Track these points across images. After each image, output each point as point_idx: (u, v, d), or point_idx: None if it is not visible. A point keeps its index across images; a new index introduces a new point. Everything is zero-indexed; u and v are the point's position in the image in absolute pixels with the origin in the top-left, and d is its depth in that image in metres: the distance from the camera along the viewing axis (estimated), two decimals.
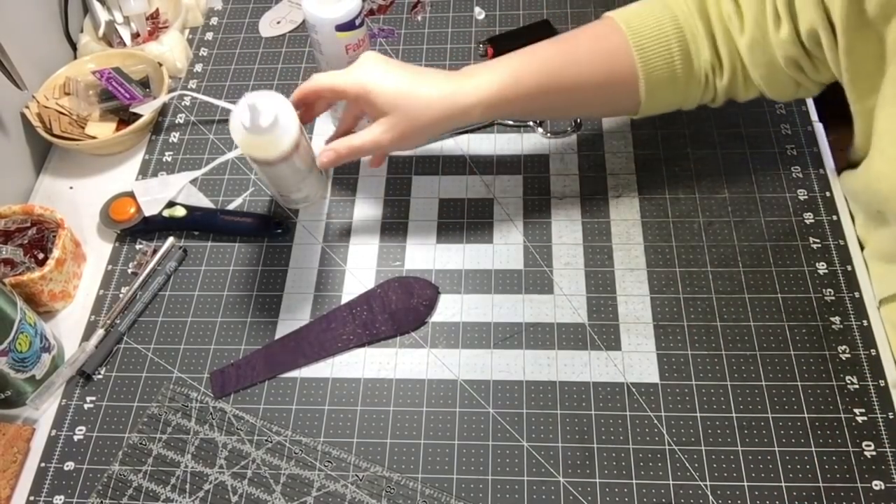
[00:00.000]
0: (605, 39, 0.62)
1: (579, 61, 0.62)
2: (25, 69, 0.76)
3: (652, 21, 0.62)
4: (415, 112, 0.61)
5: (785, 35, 0.57)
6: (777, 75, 0.61)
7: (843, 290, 0.66)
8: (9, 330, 0.60)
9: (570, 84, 0.62)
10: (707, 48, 0.61)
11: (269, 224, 0.73)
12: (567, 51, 0.63)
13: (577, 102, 0.65)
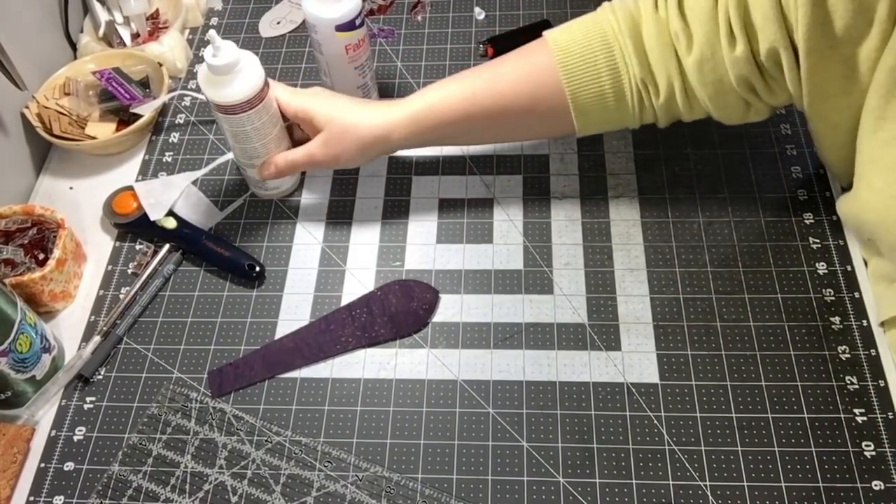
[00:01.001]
0: (532, 59, 0.63)
1: (503, 83, 0.63)
2: (25, 69, 0.76)
3: (581, 37, 0.61)
4: (343, 131, 0.65)
5: (739, 53, 0.55)
6: (726, 96, 0.59)
7: (843, 290, 0.66)
8: (9, 330, 0.60)
9: (493, 108, 0.63)
10: (637, 66, 0.60)
11: (245, 265, 0.70)
12: (491, 74, 0.64)
13: (505, 126, 0.66)
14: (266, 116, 0.67)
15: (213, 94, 0.64)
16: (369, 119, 0.65)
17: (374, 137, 0.65)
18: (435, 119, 0.64)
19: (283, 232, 0.74)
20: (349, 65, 0.73)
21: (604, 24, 0.61)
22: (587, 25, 0.62)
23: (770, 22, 0.54)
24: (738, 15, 0.55)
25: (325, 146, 0.66)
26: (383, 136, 0.65)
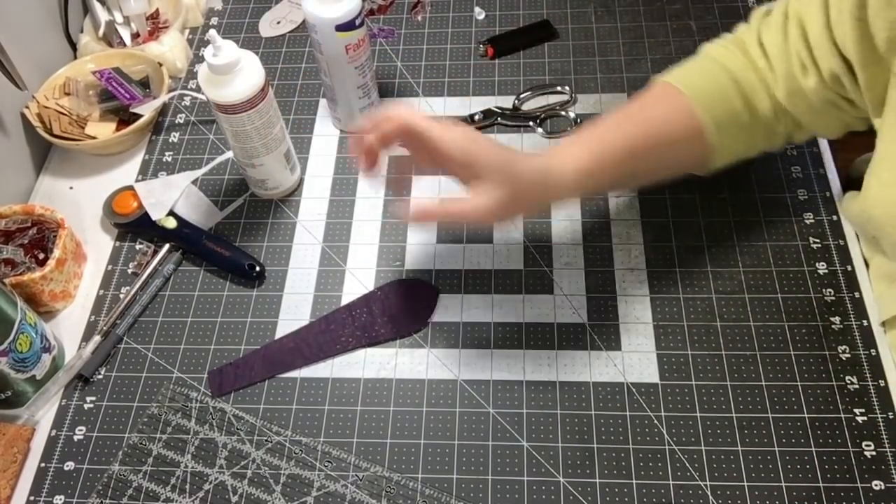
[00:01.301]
0: (669, 100, 0.62)
1: (653, 122, 0.61)
2: (25, 69, 0.76)
3: (709, 79, 0.62)
4: (515, 178, 0.55)
5: (814, 83, 0.58)
6: (822, 118, 0.61)
7: (843, 290, 0.66)
8: (9, 330, 0.60)
9: (650, 144, 0.61)
10: (765, 97, 0.61)
11: (245, 265, 0.70)
12: (638, 116, 0.62)
13: (658, 163, 0.63)
14: (266, 116, 0.67)
15: (213, 93, 0.64)
16: (538, 168, 0.57)
17: (544, 187, 0.57)
18: (607, 157, 0.59)
19: (283, 232, 0.74)
20: (349, 65, 0.73)
21: (725, 62, 0.62)
22: (707, 65, 0.63)
23: (824, 47, 0.56)
24: (804, 46, 0.58)
25: (496, 196, 0.55)
26: (556, 181, 0.58)
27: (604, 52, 0.86)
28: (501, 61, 0.86)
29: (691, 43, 0.85)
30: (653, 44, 0.86)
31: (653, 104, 0.63)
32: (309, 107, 0.84)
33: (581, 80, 0.83)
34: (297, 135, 0.82)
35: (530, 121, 0.80)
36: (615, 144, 0.60)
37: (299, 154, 0.79)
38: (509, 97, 0.82)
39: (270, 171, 0.73)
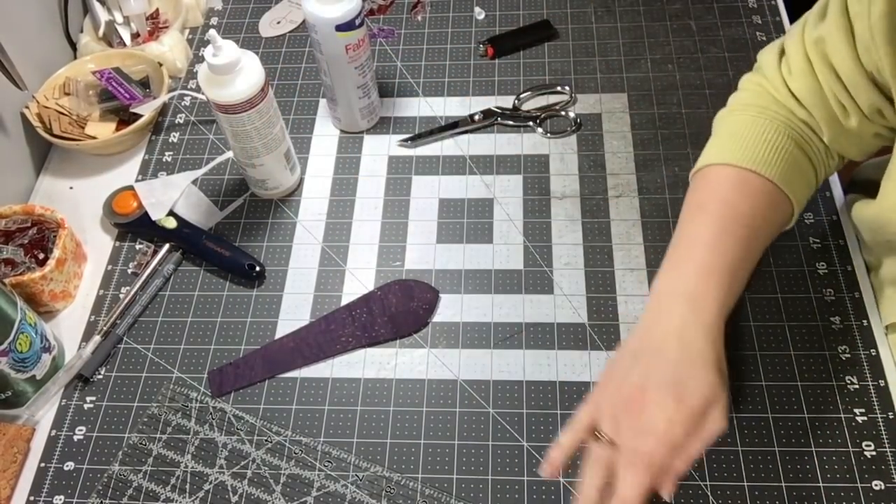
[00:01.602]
0: (760, 193, 0.57)
1: (759, 226, 0.57)
2: (25, 69, 0.76)
3: (778, 151, 0.58)
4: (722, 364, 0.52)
5: (856, 122, 0.56)
6: (870, 147, 0.60)
7: (843, 290, 0.66)
8: (9, 330, 0.60)
9: (761, 247, 0.57)
10: (818, 143, 0.60)
11: (245, 265, 0.70)
12: (746, 228, 0.56)
13: (761, 243, 0.58)
14: (266, 116, 0.67)
15: (213, 93, 0.64)
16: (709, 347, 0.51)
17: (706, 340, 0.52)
18: (733, 297, 0.54)
19: (283, 232, 0.74)
20: (349, 65, 0.73)
21: (777, 118, 0.59)
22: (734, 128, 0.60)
23: (859, 83, 0.54)
24: (840, 87, 0.55)
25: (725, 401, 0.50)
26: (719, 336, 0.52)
27: (604, 52, 0.86)
28: (501, 61, 0.86)
29: (691, 43, 0.85)
30: (653, 44, 0.86)
31: (735, 198, 0.56)
32: (309, 107, 0.84)
33: (581, 80, 0.83)
34: (297, 135, 0.82)
35: (530, 121, 0.80)
36: (735, 262, 0.54)
37: (299, 154, 0.79)
38: (509, 97, 0.82)
39: (270, 171, 0.73)
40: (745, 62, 0.83)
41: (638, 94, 0.82)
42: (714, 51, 0.85)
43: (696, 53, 0.84)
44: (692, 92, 0.81)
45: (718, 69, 0.83)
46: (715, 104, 0.79)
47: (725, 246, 0.54)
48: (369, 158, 0.79)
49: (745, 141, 0.58)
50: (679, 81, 0.82)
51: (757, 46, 0.84)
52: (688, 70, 0.83)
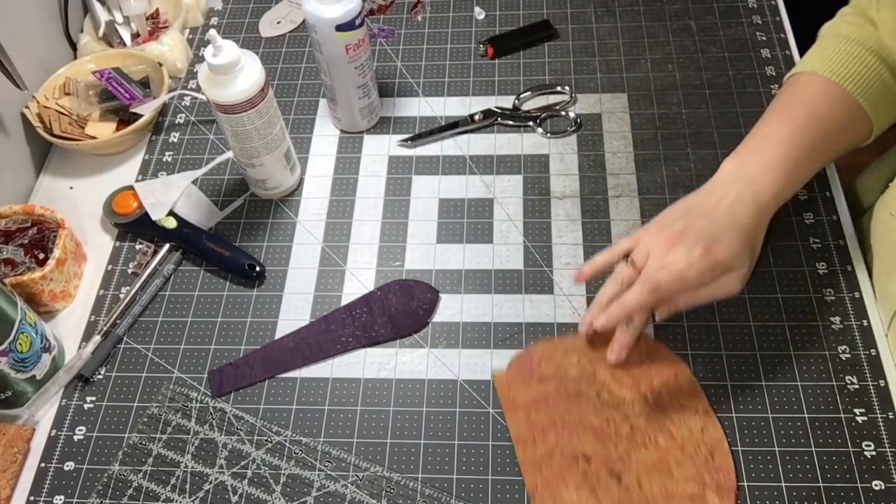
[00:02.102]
0: (829, 94, 0.61)
1: (825, 125, 0.60)
2: (25, 69, 0.76)
3: (856, 62, 0.61)
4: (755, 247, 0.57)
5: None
6: None
7: (843, 290, 0.66)
8: (9, 330, 0.60)
9: (826, 146, 0.61)
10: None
11: (245, 265, 0.70)
12: (812, 121, 0.60)
13: (829, 159, 0.64)
14: (266, 116, 0.67)
15: (213, 93, 0.65)
16: (760, 214, 0.57)
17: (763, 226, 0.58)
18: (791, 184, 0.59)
19: (283, 232, 0.74)
20: (349, 65, 0.73)
21: (861, 39, 0.62)
22: (849, 48, 0.62)
23: None
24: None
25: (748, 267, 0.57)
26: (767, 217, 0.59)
27: (604, 52, 0.86)
28: (501, 61, 0.86)
29: (691, 43, 0.85)
30: (653, 44, 0.86)
31: (817, 103, 0.61)
32: (309, 107, 0.84)
33: (581, 80, 0.83)
34: (297, 135, 0.82)
35: (530, 121, 0.80)
36: (800, 160, 0.59)
37: (299, 154, 0.79)
38: (509, 97, 0.82)
39: (270, 171, 0.73)
40: (745, 62, 0.83)
41: (638, 94, 0.82)
42: (714, 51, 0.85)
43: (696, 53, 0.84)
44: (692, 92, 0.81)
45: (718, 69, 0.83)
46: (715, 104, 0.80)
47: (795, 145, 0.59)
48: (369, 158, 0.79)
49: (841, 57, 0.61)
50: (679, 81, 0.82)
51: (757, 46, 0.84)
52: (688, 70, 0.83)
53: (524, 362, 0.63)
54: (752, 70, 0.82)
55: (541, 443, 0.59)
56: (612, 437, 0.58)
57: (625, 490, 0.56)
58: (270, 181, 0.74)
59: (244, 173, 0.74)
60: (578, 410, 0.59)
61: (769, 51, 0.84)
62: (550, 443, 0.59)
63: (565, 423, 0.59)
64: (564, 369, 0.62)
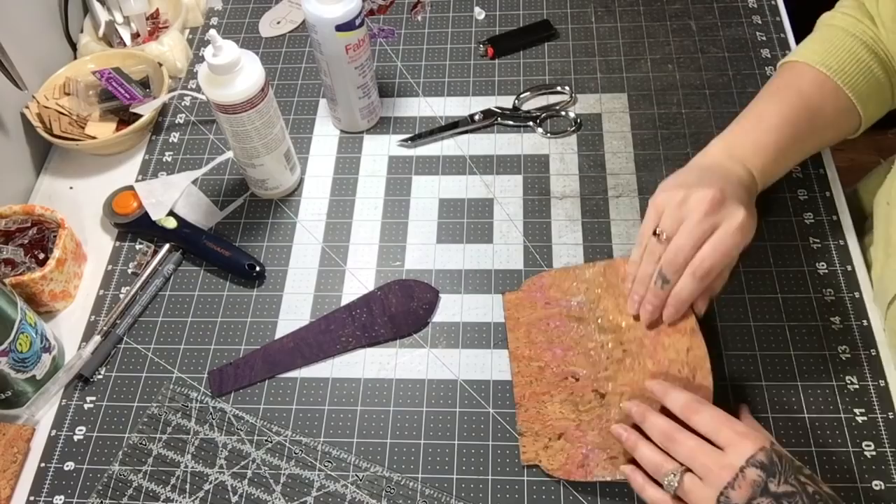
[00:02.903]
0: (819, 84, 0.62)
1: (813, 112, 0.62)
2: (25, 69, 0.76)
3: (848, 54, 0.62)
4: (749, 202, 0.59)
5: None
6: None
7: (843, 290, 0.66)
8: (9, 330, 0.60)
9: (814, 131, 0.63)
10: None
11: (245, 265, 0.70)
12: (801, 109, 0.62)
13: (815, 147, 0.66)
14: (266, 116, 0.67)
15: (213, 93, 0.65)
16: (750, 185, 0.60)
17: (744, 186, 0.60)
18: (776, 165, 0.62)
19: (283, 232, 0.74)
20: (349, 65, 0.73)
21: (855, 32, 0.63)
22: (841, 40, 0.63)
23: None
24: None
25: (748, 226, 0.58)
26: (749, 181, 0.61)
27: (604, 52, 0.86)
28: (501, 61, 0.86)
29: (691, 43, 0.85)
30: (653, 44, 0.86)
31: (808, 93, 0.62)
32: (309, 107, 0.84)
33: (581, 80, 0.83)
34: (297, 135, 0.82)
35: (530, 121, 0.80)
36: (788, 148, 0.61)
37: (299, 154, 0.79)
38: (509, 97, 0.82)
39: (270, 171, 0.73)
40: (745, 62, 0.83)
41: (638, 94, 0.82)
42: (714, 51, 0.85)
43: (696, 53, 0.84)
44: (692, 92, 0.81)
45: (718, 69, 0.83)
46: (715, 104, 0.80)
47: (785, 133, 0.61)
48: (369, 158, 0.79)
49: (836, 51, 0.63)
50: (679, 81, 0.82)
51: (757, 46, 0.84)
52: (688, 70, 0.83)
53: (535, 285, 0.66)
54: (752, 70, 0.82)
55: (536, 360, 0.62)
56: (603, 361, 0.61)
57: (605, 407, 0.59)
58: (270, 181, 0.74)
59: (244, 173, 0.74)
60: (576, 334, 0.63)
61: (769, 51, 0.84)
62: (545, 361, 0.62)
63: (562, 345, 0.62)
64: (571, 295, 0.65)
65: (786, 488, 0.46)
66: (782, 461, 0.47)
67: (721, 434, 0.49)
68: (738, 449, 0.48)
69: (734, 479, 0.47)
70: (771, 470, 0.46)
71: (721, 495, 0.47)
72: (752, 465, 0.47)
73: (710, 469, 0.48)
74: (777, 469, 0.47)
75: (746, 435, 0.49)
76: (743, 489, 0.46)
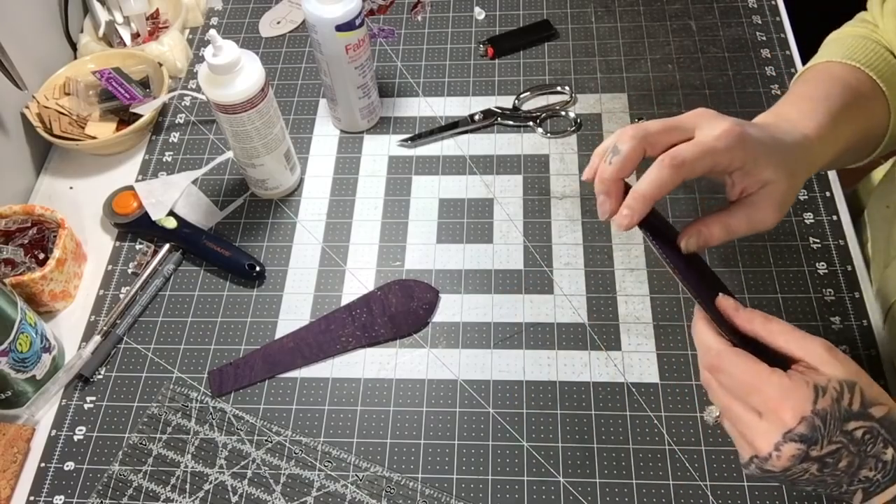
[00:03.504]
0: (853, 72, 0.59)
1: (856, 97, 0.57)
2: (25, 69, 0.76)
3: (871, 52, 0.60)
4: (794, 168, 0.49)
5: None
6: None
7: (843, 290, 0.66)
8: (9, 330, 0.60)
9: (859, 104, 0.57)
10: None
11: (245, 265, 0.70)
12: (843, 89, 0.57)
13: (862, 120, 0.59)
14: (266, 116, 0.67)
15: (213, 93, 0.65)
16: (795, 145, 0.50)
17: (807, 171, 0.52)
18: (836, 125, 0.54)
19: (283, 232, 0.74)
20: (349, 65, 0.73)
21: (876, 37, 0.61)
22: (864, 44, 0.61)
23: None
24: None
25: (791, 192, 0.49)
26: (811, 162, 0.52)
27: (604, 52, 0.86)
28: (501, 61, 0.86)
29: (691, 43, 0.85)
30: (653, 44, 0.86)
31: (842, 75, 0.58)
32: (309, 107, 0.84)
33: (581, 80, 0.83)
34: (297, 135, 0.82)
35: (530, 121, 0.80)
36: (838, 119, 0.54)
37: (299, 154, 0.79)
38: (509, 97, 0.82)
39: (270, 171, 0.73)
40: (746, 62, 0.83)
41: (638, 94, 0.82)
42: (714, 51, 0.85)
43: (696, 53, 0.84)
44: (692, 92, 0.81)
45: (718, 69, 0.83)
46: (715, 104, 0.80)
47: (833, 99, 0.54)
48: (369, 158, 0.79)
49: (853, 48, 0.59)
50: (679, 81, 0.82)
51: (757, 46, 0.84)
52: (688, 70, 0.83)
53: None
54: (752, 70, 0.82)
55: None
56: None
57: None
58: (270, 181, 0.74)
59: (244, 173, 0.74)
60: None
61: (769, 51, 0.84)
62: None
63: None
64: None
65: (830, 448, 0.40)
66: (827, 421, 0.40)
67: (754, 400, 0.42)
68: (773, 420, 0.41)
69: (769, 454, 0.41)
70: (812, 438, 0.40)
71: (755, 458, 0.42)
72: (791, 439, 0.41)
73: (743, 433, 0.43)
74: (820, 434, 0.40)
75: (782, 402, 0.41)
76: (780, 462, 0.41)
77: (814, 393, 0.41)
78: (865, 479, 0.41)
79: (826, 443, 0.40)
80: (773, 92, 0.80)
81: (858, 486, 0.41)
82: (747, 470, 0.44)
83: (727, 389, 0.44)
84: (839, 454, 0.40)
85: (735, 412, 0.43)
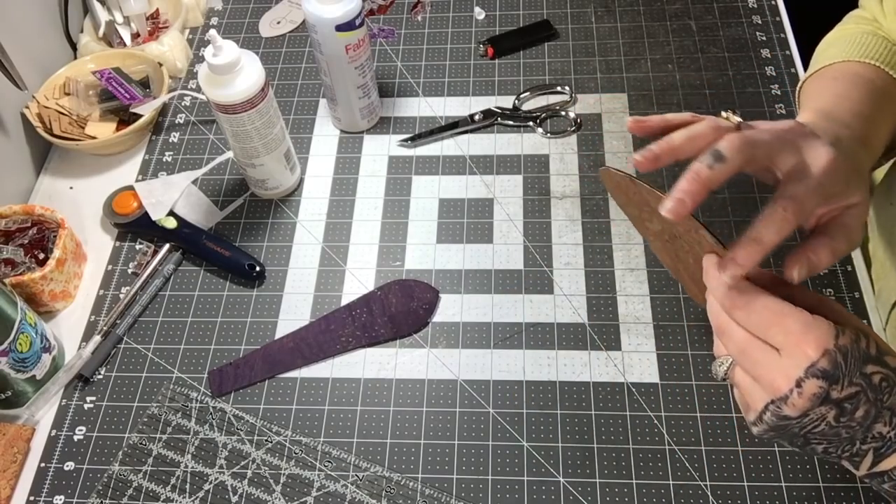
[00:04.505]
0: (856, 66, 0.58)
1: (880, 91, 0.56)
2: (25, 69, 0.76)
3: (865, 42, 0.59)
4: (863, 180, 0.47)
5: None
6: None
7: (843, 290, 0.66)
8: (9, 330, 0.60)
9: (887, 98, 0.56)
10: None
11: (245, 265, 0.70)
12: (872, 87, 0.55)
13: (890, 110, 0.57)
14: (266, 116, 0.67)
15: (213, 93, 0.65)
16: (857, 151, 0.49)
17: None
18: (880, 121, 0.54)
19: (283, 232, 0.74)
20: (349, 65, 0.73)
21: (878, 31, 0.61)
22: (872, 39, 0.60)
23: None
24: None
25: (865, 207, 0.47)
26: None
27: (604, 52, 0.86)
28: (501, 61, 0.86)
29: (691, 43, 0.85)
30: (653, 44, 0.86)
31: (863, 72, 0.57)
32: (309, 107, 0.84)
33: (581, 80, 0.83)
34: (297, 135, 0.82)
35: (530, 121, 0.80)
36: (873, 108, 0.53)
37: (299, 154, 0.79)
38: (509, 97, 0.82)
39: (270, 171, 0.73)
40: (746, 62, 0.83)
41: (638, 94, 0.82)
42: (714, 51, 0.85)
43: (696, 53, 0.84)
44: (692, 92, 0.81)
45: (718, 69, 0.83)
46: (715, 104, 0.80)
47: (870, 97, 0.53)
48: (369, 158, 0.79)
49: (860, 45, 0.58)
50: (679, 81, 0.82)
51: (757, 46, 0.84)
52: (688, 70, 0.83)
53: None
54: (752, 70, 0.82)
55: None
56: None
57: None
58: (270, 181, 0.74)
59: (244, 173, 0.74)
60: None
61: (769, 51, 0.84)
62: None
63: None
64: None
65: (849, 391, 0.39)
66: (848, 359, 0.39)
67: (772, 334, 0.40)
68: (795, 354, 0.39)
69: (790, 392, 0.39)
70: (834, 376, 0.38)
71: (771, 404, 0.40)
72: (812, 375, 0.38)
73: (760, 376, 0.41)
74: (841, 372, 0.38)
75: (805, 335, 0.39)
76: (799, 403, 0.39)
77: (835, 329, 0.39)
78: (878, 437, 0.40)
79: (847, 383, 0.39)
80: (773, 92, 0.80)
81: (871, 445, 0.40)
82: (758, 427, 0.42)
83: (746, 326, 0.42)
84: (857, 399, 0.39)
85: (752, 355, 0.41)
